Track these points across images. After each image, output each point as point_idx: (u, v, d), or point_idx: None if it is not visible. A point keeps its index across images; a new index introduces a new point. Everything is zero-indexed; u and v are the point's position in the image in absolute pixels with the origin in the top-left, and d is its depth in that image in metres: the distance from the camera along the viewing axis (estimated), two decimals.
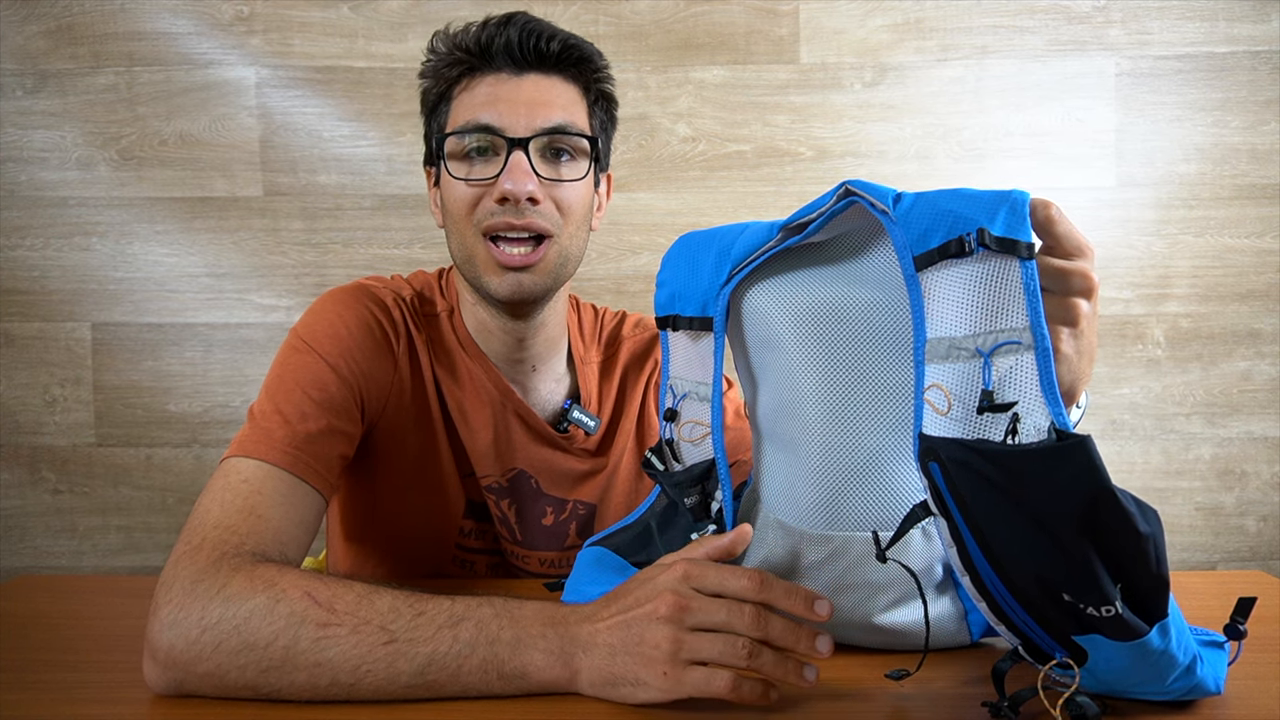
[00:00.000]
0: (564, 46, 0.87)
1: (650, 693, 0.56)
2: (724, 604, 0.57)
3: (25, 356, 1.69)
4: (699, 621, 0.57)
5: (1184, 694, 0.54)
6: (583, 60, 0.89)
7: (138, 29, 1.66)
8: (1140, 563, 0.48)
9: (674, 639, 0.56)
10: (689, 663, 0.55)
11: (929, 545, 0.63)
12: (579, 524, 0.99)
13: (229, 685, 0.58)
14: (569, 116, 0.86)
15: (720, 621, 0.57)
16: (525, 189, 0.83)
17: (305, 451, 0.76)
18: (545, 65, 0.87)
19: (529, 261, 0.85)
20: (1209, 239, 1.66)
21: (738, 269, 0.66)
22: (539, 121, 0.85)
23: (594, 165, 0.90)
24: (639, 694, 0.56)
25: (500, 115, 0.84)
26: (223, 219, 1.68)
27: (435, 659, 0.57)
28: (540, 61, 0.86)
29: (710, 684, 0.55)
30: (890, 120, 1.67)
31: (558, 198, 0.86)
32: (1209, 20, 1.64)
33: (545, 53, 0.86)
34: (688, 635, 0.56)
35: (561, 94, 0.87)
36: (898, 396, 0.61)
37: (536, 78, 0.86)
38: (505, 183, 0.83)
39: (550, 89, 0.87)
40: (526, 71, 0.86)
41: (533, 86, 0.86)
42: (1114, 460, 1.68)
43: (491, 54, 0.85)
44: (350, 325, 0.87)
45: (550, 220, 0.86)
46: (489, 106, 0.85)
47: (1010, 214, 0.51)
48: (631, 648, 0.56)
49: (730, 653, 0.55)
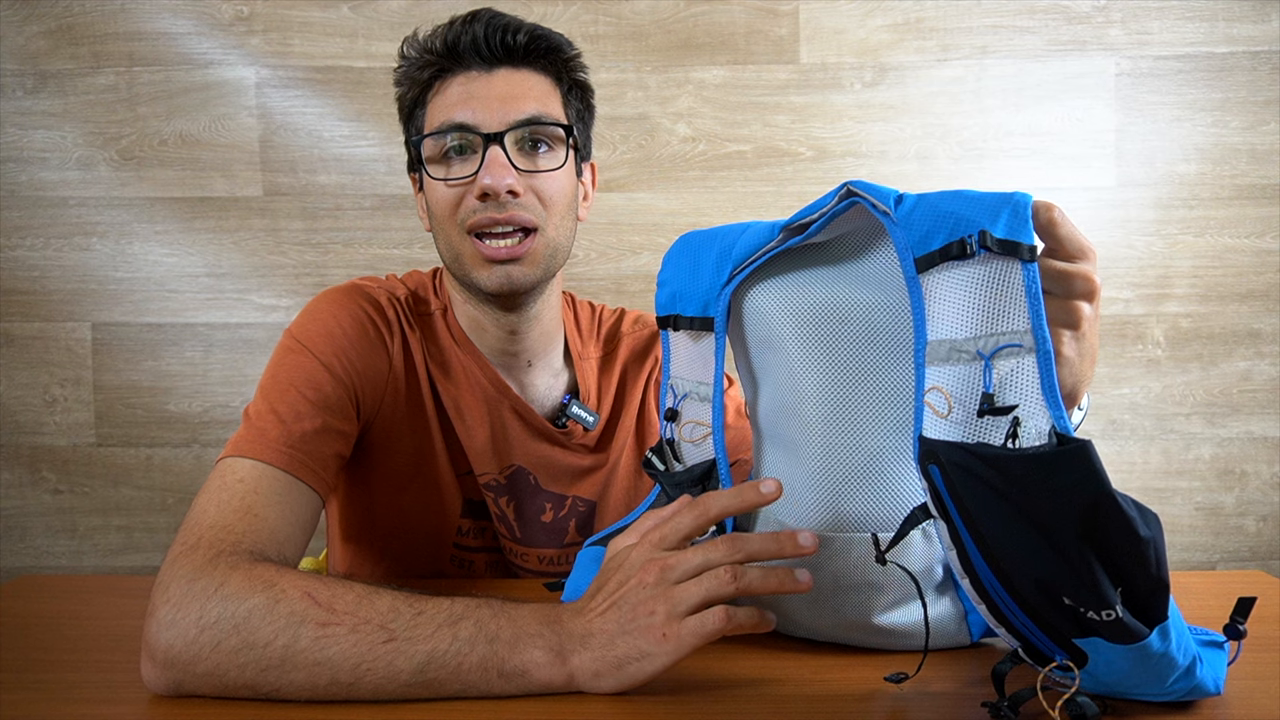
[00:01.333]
0: (531, 38, 0.87)
1: (656, 661, 0.57)
2: (697, 547, 0.60)
3: (25, 356, 1.69)
4: (681, 573, 0.59)
5: (1184, 695, 0.54)
6: (551, 50, 0.89)
7: (138, 29, 1.66)
8: (1140, 566, 0.48)
9: (665, 598, 0.58)
10: (683, 616, 0.57)
11: (929, 546, 0.63)
12: (579, 520, 0.99)
13: (228, 684, 0.58)
14: (542, 107, 0.87)
15: (699, 563, 0.59)
16: (504, 183, 0.83)
17: (301, 451, 0.76)
18: (514, 59, 0.87)
19: (516, 254, 0.85)
20: (1209, 239, 1.66)
21: (739, 269, 0.66)
22: (512, 115, 0.85)
23: (573, 154, 0.90)
24: (647, 667, 0.57)
25: (474, 112, 0.85)
26: (223, 219, 1.68)
27: (435, 657, 0.57)
28: (509, 56, 0.86)
29: (705, 626, 0.57)
30: (890, 120, 1.67)
31: (538, 189, 0.86)
32: (1209, 20, 1.64)
33: (513, 46, 0.86)
34: (675, 590, 0.58)
35: (534, 86, 0.87)
36: (898, 397, 0.61)
37: (507, 72, 0.86)
38: (484, 178, 0.83)
39: (522, 82, 0.87)
40: (496, 67, 0.86)
41: (504, 81, 0.86)
42: (1114, 460, 1.68)
43: (460, 53, 0.86)
44: (344, 324, 0.87)
45: (533, 212, 0.86)
46: (462, 105, 0.85)
47: (1012, 216, 0.50)
48: (628, 624, 0.58)
49: (716, 585, 0.58)
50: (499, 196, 0.83)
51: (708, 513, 0.62)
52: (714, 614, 0.57)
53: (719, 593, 0.58)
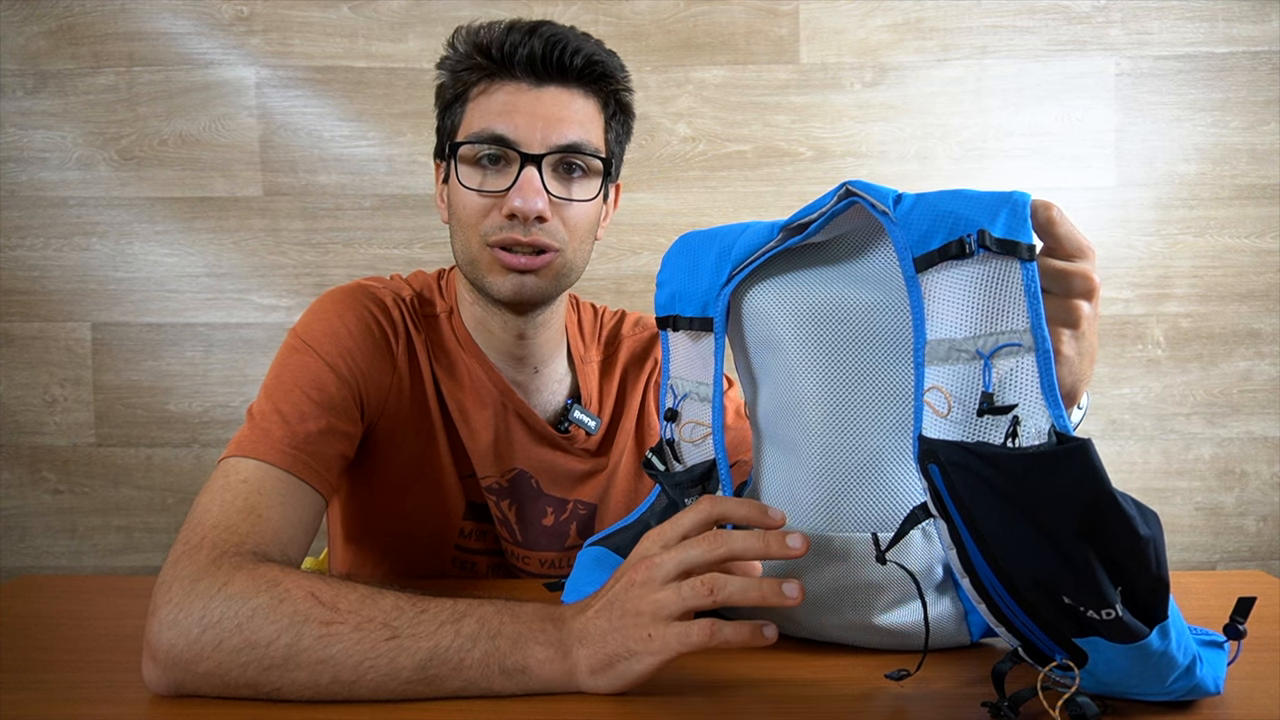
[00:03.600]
0: (587, 62, 0.85)
1: (643, 661, 0.56)
2: (685, 544, 0.59)
3: (25, 356, 1.69)
4: (664, 574, 0.58)
5: (1184, 694, 0.54)
6: (605, 76, 0.88)
7: (138, 29, 1.66)
8: (1140, 566, 0.48)
9: (650, 599, 0.57)
10: (669, 621, 0.56)
11: (929, 546, 0.63)
12: (579, 524, 0.99)
13: (229, 684, 0.58)
14: (585, 134, 0.86)
15: (679, 560, 0.58)
16: (535, 207, 0.82)
17: (304, 452, 0.76)
18: (566, 78, 0.85)
19: (533, 265, 0.85)
20: (1209, 239, 1.66)
21: (738, 269, 0.66)
22: (554, 138, 0.84)
23: (604, 181, 0.89)
24: (635, 666, 0.57)
25: (516, 128, 0.83)
26: (223, 219, 1.68)
27: (437, 653, 0.57)
28: (561, 74, 0.85)
29: (689, 638, 0.56)
30: (890, 120, 1.67)
31: (566, 216, 0.86)
32: (1209, 20, 1.64)
33: (567, 66, 0.84)
34: (659, 591, 0.57)
35: (580, 110, 0.86)
36: (898, 397, 0.61)
37: (555, 90, 0.85)
38: (515, 199, 0.82)
39: (569, 104, 0.85)
40: (546, 84, 0.85)
41: (551, 100, 0.85)
42: (1114, 460, 1.68)
43: (513, 63, 0.84)
44: (349, 325, 0.87)
45: (556, 238, 0.86)
46: (505, 117, 0.84)
47: (1011, 215, 0.50)
48: (617, 621, 0.58)
49: (691, 594, 0.57)
50: (527, 220, 0.83)
51: (709, 513, 0.61)
52: (699, 628, 0.56)
53: (697, 605, 0.57)
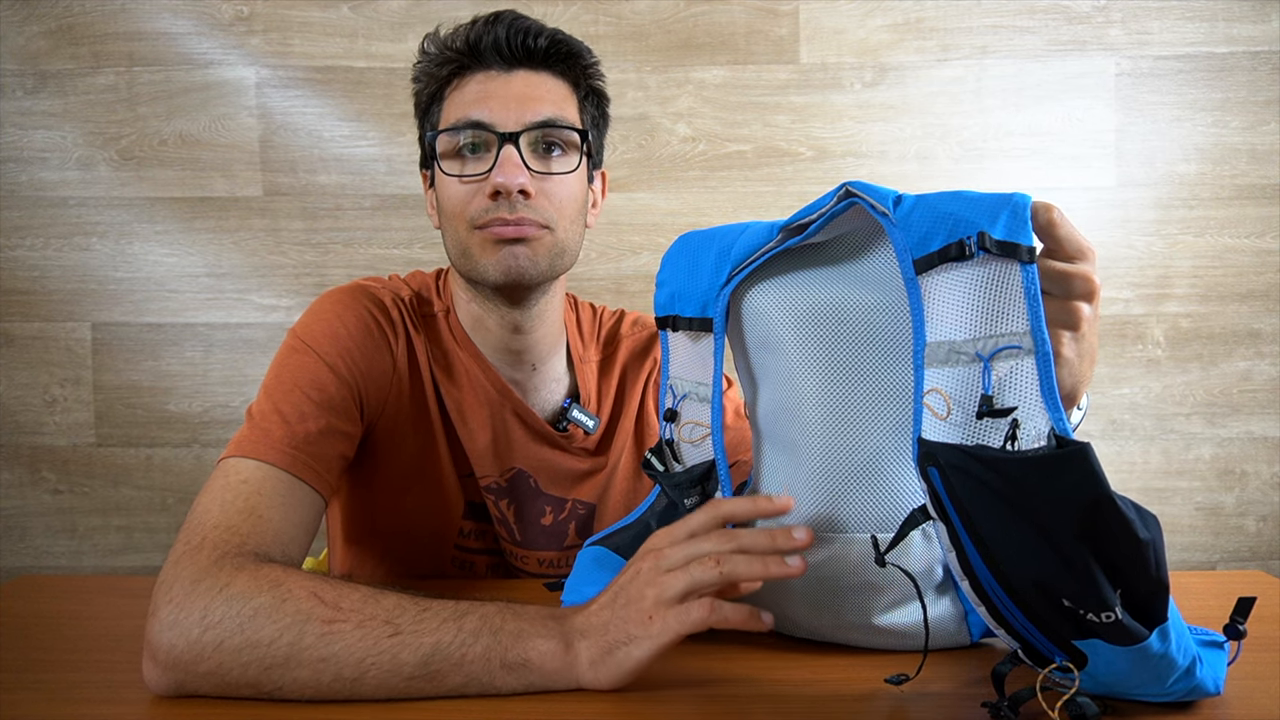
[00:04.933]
0: (551, 42, 0.87)
1: (642, 645, 0.57)
2: (693, 539, 0.61)
3: (25, 356, 1.69)
4: (672, 562, 0.60)
5: (1184, 695, 0.54)
6: (571, 56, 0.89)
7: (138, 29, 1.66)
8: (1140, 568, 0.48)
9: (654, 584, 0.59)
10: (671, 603, 0.58)
11: (929, 547, 0.63)
12: (578, 523, 0.99)
13: (230, 684, 0.58)
14: (559, 110, 0.87)
15: (689, 553, 0.60)
16: (516, 181, 0.83)
17: (304, 452, 0.76)
18: (534, 61, 0.87)
19: (524, 234, 0.85)
20: (1209, 239, 1.66)
21: (738, 269, 0.66)
22: (529, 116, 0.85)
23: (586, 159, 0.90)
24: (634, 651, 0.57)
25: (491, 111, 0.85)
26: (223, 219, 1.68)
27: (439, 649, 0.57)
28: (529, 58, 0.87)
29: (689, 615, 0.57)
30: (890, 120, 1.67)
31: (550, 191, 0.87)
32: (1209, 20, 1.64)
33: (533, 49, 0.87)
34: (664, 576, 0.59)
35: (551, 89, 0.88)
36: (898, 398, 0.61)
37: (526, 74, 0.87)
38: (497, 176, 0.83)
39: (540, 84, 0.87)
40: (516, 68, 0.87)
41: (522, 82, 0.87)
42: (1114, 460, 1.68)
43: (481, 52, 0.86)
44: (349, 325, 0.87)
45: (543, 215, 0.86)
46: (479, 103, 0.86)
47: (1011, 217, 0.50)
48: (620, 609, 0.59)
49: (700, 571, 0.58)
50: (511, 195, 0.84)
51: (717, 512, 0.62)
52: (699, 604, 0.58)
53: (703, 579, 0.58)
